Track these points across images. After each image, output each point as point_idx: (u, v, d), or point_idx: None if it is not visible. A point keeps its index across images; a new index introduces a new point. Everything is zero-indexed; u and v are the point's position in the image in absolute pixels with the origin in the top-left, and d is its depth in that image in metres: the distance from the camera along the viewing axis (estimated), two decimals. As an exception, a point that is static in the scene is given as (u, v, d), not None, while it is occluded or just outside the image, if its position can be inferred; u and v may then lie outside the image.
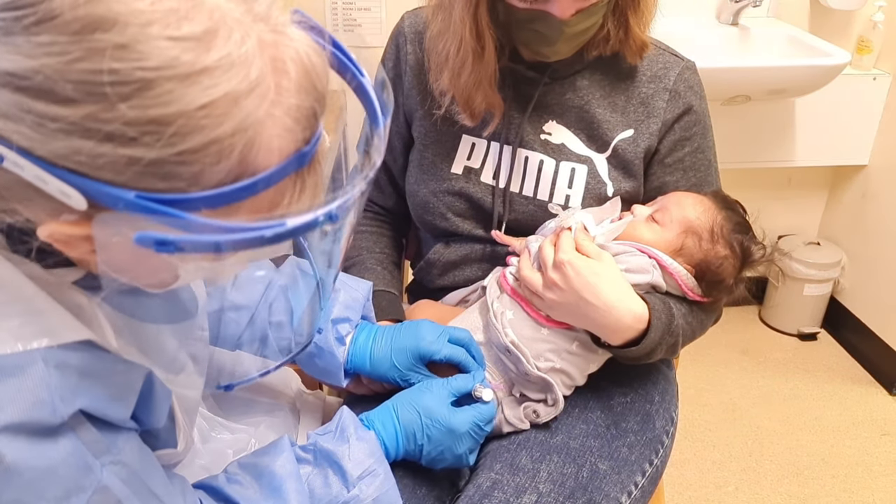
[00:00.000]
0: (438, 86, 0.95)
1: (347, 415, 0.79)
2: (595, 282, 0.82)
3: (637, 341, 0.85)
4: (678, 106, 0.98)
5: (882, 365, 2.08)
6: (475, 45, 0.88)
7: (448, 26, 0.89)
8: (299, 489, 0.69)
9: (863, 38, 1.95)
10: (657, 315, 0.85)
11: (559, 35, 0.87)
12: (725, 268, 0.91)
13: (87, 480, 0.52)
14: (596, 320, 0.84)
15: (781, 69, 1.73)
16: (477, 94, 0.92)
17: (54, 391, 0.49)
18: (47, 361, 0.49)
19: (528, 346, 0.88)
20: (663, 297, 0.90)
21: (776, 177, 2.20)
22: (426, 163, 1.02)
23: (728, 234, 0.91)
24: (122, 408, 0.56)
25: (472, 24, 0.87)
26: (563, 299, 0.84)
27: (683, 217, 0.92)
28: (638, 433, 0.92)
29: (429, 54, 0.96)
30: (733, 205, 0.96)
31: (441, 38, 0.91)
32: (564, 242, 0.86)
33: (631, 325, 0.84)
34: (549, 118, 0.98)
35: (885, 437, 1.89)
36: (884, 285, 2.07)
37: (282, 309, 0.89)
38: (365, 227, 1.13)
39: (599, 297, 0.82)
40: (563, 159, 0.98)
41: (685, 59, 1.00)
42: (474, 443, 0.83)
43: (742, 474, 1.76)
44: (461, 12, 0.86)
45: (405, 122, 1.06)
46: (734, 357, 2.16)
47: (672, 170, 1.00)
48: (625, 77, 0.98)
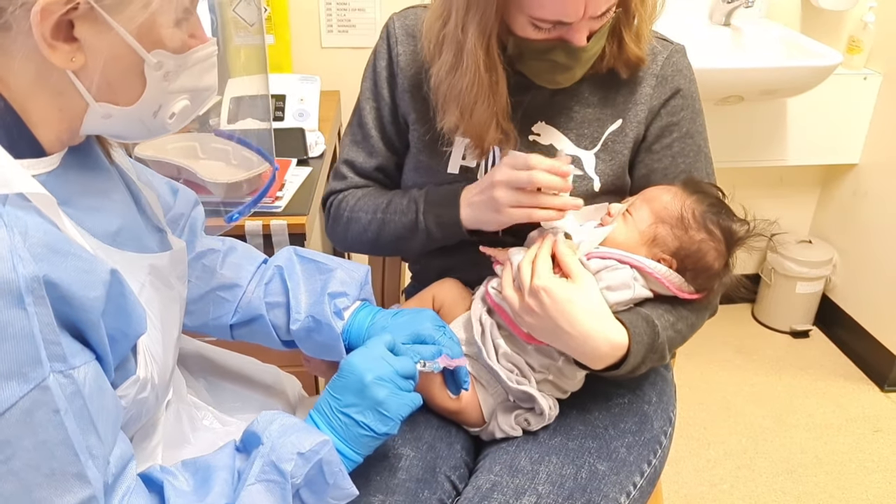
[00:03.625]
0: (446, 124, 0.92)
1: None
2: (570, 310, 0.80)
3: (618, 365, 0.84)
4: (665, 91, 0.96)
5: (874, 362, 2.09)
6: (489, 79, 0.86)
7: (459, 62, 0.86)
8: (226, 478, 0.66)
9: (854, 38, 1.97)
10: (638, 339, 0.83)
11: (577, 62, 0.86)
12: (706, 251, 0.88)
13: (33, 372, 0.50)
14: (573, 348, 0.83)
15: (774, 70, 1.74)
16: (490, 128, 0.90)
17: (15, 250, 0.49)
18: (9, 225, 0.49)
19: (515, 360, 0.89)
20: (647, 312, 0.87)
21: (768, 175, 2.22)
22: (422, 166, 1.02)
23: (700, 217, 0.88)
24: (89, 290, 0.54)
25: (485, 59, 0.85)
26: (539, 324, 0.83)
27: (653, 208, 0.91)
28: (636, 434, 0.93)
29: (434, 92, 0.93)
30: (704, 187, 0.93)
31: (451, 74, 0.88)
32: (541, 266, 0.83)
33: (609, 353, 0.82)
34: (537, 119, 0.97)
35: (878, 433, 1.90)
36: (875, 283, 2.08)
37: (279, 290, 0.88)
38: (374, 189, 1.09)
39: (575, 326, 0.80)
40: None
41: (674, 42, 0.99)
42: (389, 394, 0.72)
43: (737, 472, 1.77)
44: (474, 47, 0.84)
45: (404, 123, 1.04)
46: (728, 355, 2.18)
47: (660, 157, 0.98)
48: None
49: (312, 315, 0.85)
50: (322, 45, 1.88)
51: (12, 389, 0.50)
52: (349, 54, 1.89)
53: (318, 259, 0.90)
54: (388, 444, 0.87)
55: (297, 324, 0.86)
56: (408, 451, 0.87)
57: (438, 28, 0.88)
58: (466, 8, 0.82)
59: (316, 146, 1.49)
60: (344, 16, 1.87)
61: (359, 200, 1.05)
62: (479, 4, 0.81)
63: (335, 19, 1.87)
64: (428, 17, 0.91)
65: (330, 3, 1.85)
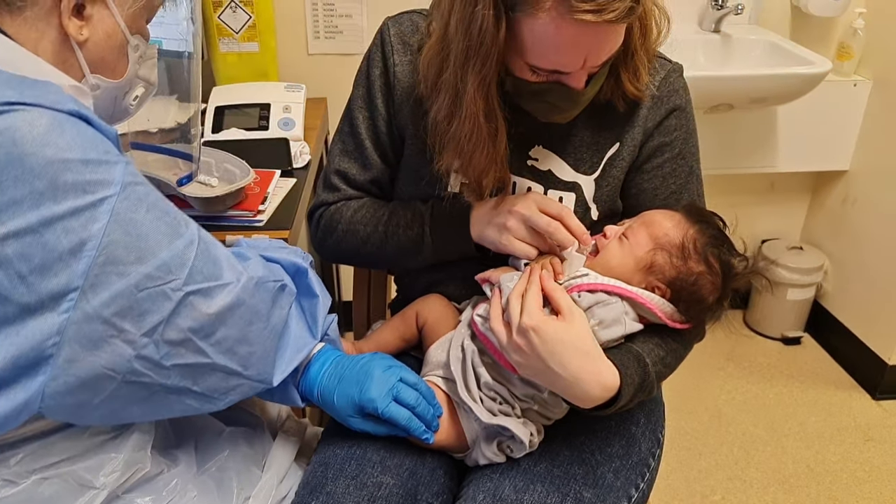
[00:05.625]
0: (444, 166, 0.90)
1: None
2: (561, 351, 0.77)
3: (607, 404, 0.81)
4: (660, 112, 0.95)
5: (865, 369, 2.09)
6: (489, 127, 0.83)
7: (457, 109, 0.83)
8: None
9: (843, 45, 1.96)
10: (628, 380, 0.80)
11: (574, 105, 0.85)
12: (703, 285, 0.86)
13: (114, 170, 0.62)
14: (563, 389, 0.80)
15: (764, 78, 1.73)
16: (489, 173, 0.88)
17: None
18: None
19: (498, 389, 0.87)
20: (638, 350, 0.85)
21: (759, 182, 2.21)
22: (419, 180, 0.99)
23: (702, 248, 0.86)
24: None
25: (484, 107, 0.82)
26: (528, 364, 0.80)
27: (652, 233, 0.88)
28: (623, 457, 0.91)
29: (431, 133, 0.89)
30: (708, 217, 0.91)
31: (449, 121, 0.85)
32: (531, 303, 0.80)
33: (600, 396, 0.79)
34: (535, 143, 0.95)
35: (870, 442, 1.90)
36: (866, 289, 2.08)
37: None
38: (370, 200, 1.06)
39: (566, 368, 0.77)
40: (551, 187, 0.95)
41: (671, 62, 0.97)
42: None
43: (728, 483, 1.76)
44: (473, 95, 0.81)
45: (399, 135, 1.01)
46: (719, 362, 2.17)
47: (650, 177, 0.97)
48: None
49: None
50: (309, 52, 1.86)
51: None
52: (336, 60, 1.87)
53: None
54: (367, 472, 0.84)
55: None
56: (388, 479, 0.84)
57: (435, 73, 0.85)
58: (466, 56, 0.79)
59: (301, 156, 1.47)
60: (331, 22, 1.84)
61: (355, 213, 1.02)
62: (480, 54, 0.78)
63: (322, 25, 1.84)
64: (425, 52, 0.87)
65: (317, 9, 1.82)
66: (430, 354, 0.96)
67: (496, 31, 0.75)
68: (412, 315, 1.02)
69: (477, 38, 0.76)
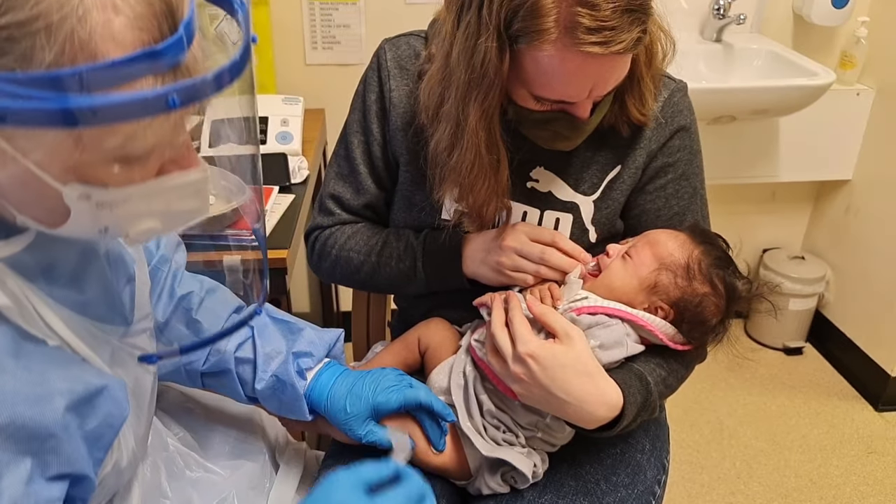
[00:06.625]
0: (444, 197, 0.89)
1: None
2: (563, 377, 0.75)
3: (611, 425, 0.80)
4: (664, 133, 0.93)
5: (868, 380, 2.07)
6: (490, 158, 0.82)
7: (458, 141, 0.81)
8: None
9: (846, 54, 1.95)
10: (632, 399, 0.79)
11: (578, 133, 0.84)
12: (706, 306, 0.84)
13: None
14: (568, 413, 0.78)
15: (766, 90, 1.72)
16: (491, 204, 0.87)
17: None
18: None
19: (501, 417, 0.85)
20: (640, 369, 0.83)
21: (761, 191, 2.19)
22: (413, 206, 0.98)
23: (707, 270, 0.84)
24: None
25: (486, 138, 0.80)
26: (530, 392, 0.78)
27: (656, 252, 0.87)
28: (629, 486, 0.89)
29: (431, 164, 0.88)
30: (713, 238, 0.89)
31: (450, 152, 0.83)
32: (520, 330, 0.78)
33: (605, 416, 0.78)
34: (535, 164, 0.93)
35: (872, 455, 1.88)
36: (868, 299, 2.06)
37: (248, 346, 0.87)
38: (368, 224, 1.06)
39: (570, 392, 0.75)
40: (548, 208, 0.94)
41: (676, 80, 0.95)
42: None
43: (731, 497, 1.74)
44: (475, 127, 0.79)
45: (394, 161, 0.99)
46: (720, 373, 2.15)
47: (653, 197, 0.95)
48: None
49: (276, 374, 0.84)
50: (306, 63, 1.84)
51: None
52: (334, 71, 1.85)
53: (288, 320, 0.90)
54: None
55: (261, 382, 0.85)
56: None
57: (436, 103, 0.83)
58: (468, 88, 0.77)
59: (299, 171, 1.45)
60: (329, 32, 1.82)
61: (348, 239, 1.01)
62: (483, 86, 0.76)
63: (319, 36, 1.82)
64: (426, 82, 0.85)
65: (314, 19, 1.80)
66: (432, 379, 0.95)
67: (500, 63, 0.73)
68: (414, 340, 1.00)
69: (479, 71, 0.74)
